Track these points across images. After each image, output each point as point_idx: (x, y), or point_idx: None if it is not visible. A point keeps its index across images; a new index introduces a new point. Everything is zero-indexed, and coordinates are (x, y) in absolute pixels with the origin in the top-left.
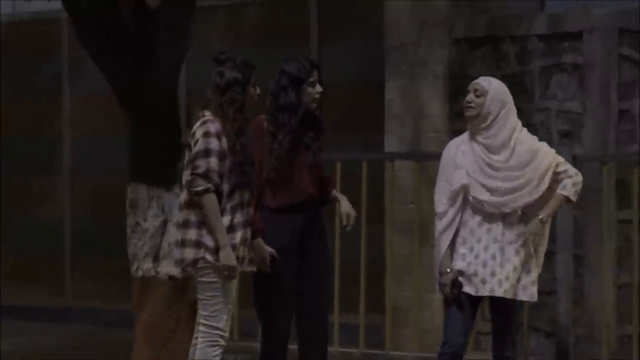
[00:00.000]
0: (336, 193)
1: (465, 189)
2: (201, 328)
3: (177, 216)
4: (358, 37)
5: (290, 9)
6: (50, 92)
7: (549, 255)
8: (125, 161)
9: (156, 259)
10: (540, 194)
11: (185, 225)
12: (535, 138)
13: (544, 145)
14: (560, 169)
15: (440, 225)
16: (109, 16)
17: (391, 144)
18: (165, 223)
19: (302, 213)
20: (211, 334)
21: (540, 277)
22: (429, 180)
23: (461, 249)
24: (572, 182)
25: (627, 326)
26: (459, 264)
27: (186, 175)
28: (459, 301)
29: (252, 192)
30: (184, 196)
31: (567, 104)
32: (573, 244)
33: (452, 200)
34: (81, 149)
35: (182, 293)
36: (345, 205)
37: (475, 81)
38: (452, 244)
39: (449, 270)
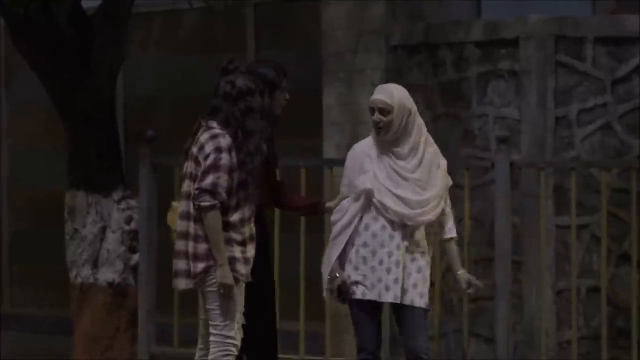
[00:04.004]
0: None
1: (368, 193)
2: (213, 339)
3: (180, 227)
4: (295, 44)
5: (228, 16)
6: None
7: (488, 262)
8: (64, 169)
9: (95, 265)
10: (440, 211)
11: (195, 239)
12: (437, 150)
13: (445, 163)
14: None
15: (336, 228)
16: (45, 23)
17: (329, 150)
18: (103, 230)
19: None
20: (224, 344)
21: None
22: None
23: (362, 251)
24: (452, 222)
25: (566, 332)
26: (361, 268)
27: (189, 187)
28: (363, 308)
29: (254, 206)
30: (186, 207)
31: (504, 110)
32: (511, 250)
33: (352, 204)
34: (18, 157)
35: (121, 300)
36: None
37: (378, 98)
38: (350, 246)
39: (337, 274)
